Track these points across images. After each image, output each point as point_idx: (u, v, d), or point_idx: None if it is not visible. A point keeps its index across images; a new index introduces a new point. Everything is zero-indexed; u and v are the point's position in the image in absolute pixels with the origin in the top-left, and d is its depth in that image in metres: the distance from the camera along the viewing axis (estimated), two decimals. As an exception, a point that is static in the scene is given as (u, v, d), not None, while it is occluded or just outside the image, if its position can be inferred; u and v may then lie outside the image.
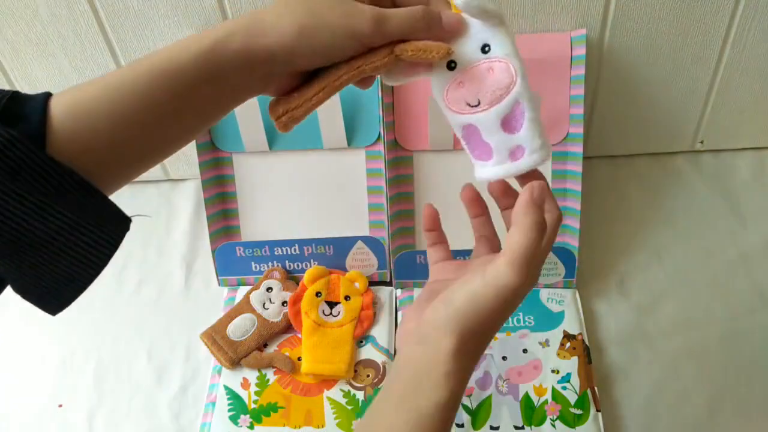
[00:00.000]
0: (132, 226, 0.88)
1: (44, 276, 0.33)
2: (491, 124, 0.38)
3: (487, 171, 0.39)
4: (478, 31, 0.38)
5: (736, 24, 0.70)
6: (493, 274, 0.35)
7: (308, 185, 0.72)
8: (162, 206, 0.82)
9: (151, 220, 0.81)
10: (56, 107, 0.33)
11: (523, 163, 0.38)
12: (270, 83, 0.38)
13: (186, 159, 0.81)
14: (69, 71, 0.73)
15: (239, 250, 0.71)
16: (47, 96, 0.34)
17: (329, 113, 0.68)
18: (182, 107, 0.35)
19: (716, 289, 0.70)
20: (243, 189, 0.73)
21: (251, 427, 0.61)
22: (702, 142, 0.81)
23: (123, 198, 0.93)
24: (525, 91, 0.38)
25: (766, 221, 0.76)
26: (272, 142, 0.71)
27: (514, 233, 0.35)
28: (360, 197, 0.72)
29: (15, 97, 0.33)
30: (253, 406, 0.62)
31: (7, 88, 0.74)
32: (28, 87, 0.74)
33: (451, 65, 0.38)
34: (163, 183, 0.85)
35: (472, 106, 0.38)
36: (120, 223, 0.36)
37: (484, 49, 0.38)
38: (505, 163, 0.39)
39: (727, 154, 0.82)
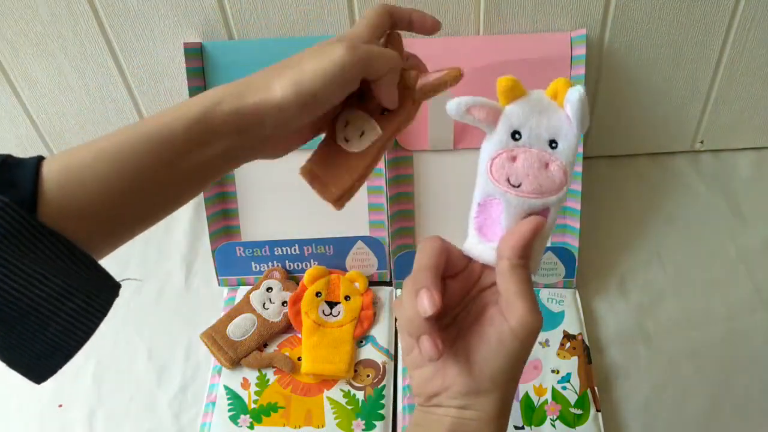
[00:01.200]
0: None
1: (31, 344, 0.32)
2: (516, 212, 0.37)
3: (480, 249, 0.38)
4: (556, 122, 0.37)
5: (736, 24, 0.70)
6: (521, 325, 0.34)
7: (308, 185, 0.72)
8: (162, 206, 0.82)
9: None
10: (48, 173, 0.33)
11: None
12: (266, 145, 0.38)
13: (186, 159, 0.81)
14: (69, 71, 0.73)
15: (239, 250, 0.71)
16: (39, 160, 0.34)
17: (329, 113, 0.68)
18: (174, 175, 0.35)
19: (716, 289, 0.70)
20: (243, 189, 0.73)
21: (251, 427, 0.61)
22: (702, 142, 0.81)
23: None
24: (559, 206, 0.37)
25: (766, 221, 0.76)
26: (272, 142, 0.71)
27: (507, 280, 0.35)
28: (360, 197, 0.72)
29: (5, 162, 0.33)
30: (253, 406, 0.62)
31: (7, 88, 0.74)
32: (28, 87, 0.74)
33: (516, 136, 0.37)
34: (163, 183, 0.85)
35: (512, 185, 0.37)
36: (109, 290, 0.36)
37: (552, 144, 0.37)
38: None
39: (727, 154, 0.82)
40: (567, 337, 0.65)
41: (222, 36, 0.70)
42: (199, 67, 0.69)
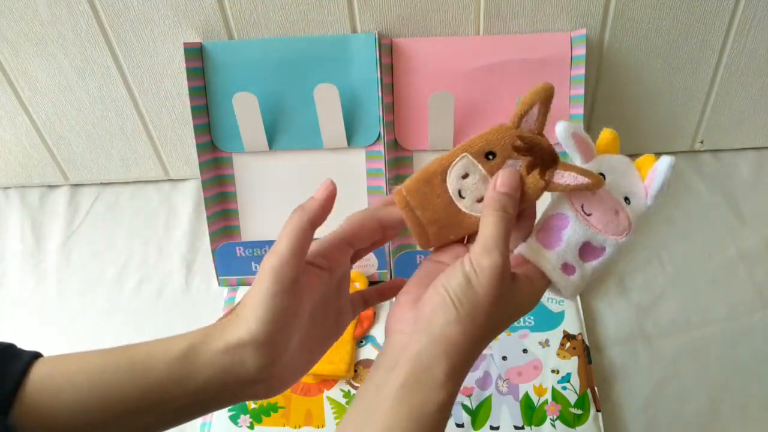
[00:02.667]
0: (132, 226, 0.89)
1: None
2: (580, 236, 0.39)
3: (540, 257, 0.39)
4: (635, 186, 0.41)
5: (736, 24, 0.70)
6: (476, 255, 0.36)
7: (308, 185, 0.72)
8: (162, 206, 0.82)
9: (151, 220, 0.81)
10: (35, 374, 0.34)
11: (565, 282, 0.39)
12: (258, 390, 0.37)
13: (186, 159, 0.81)
14: (69, 71, 0.73)
15: (239, 250, 0.71)
16: (34, 357, 0.35)
17: (329, 113, 0.68)
18: (152, 406, 0.35)
19: (716, 289, 0.70)
20: (243, 189, 0.73)
21: (251, 427, 0.61)
22: (702, 142, 0.81)
23: (123, 199, 0.93)
24: (615, 252, 0.40)
25: (766, 221, 0.76)
26: (272, 142, 0.71)
27: (482, 222, 0.37)
28: (360, 197, 0.72)
29: (6, 351, 0.34)
30: (253, 406, 0.62)
31: (7, 88, 0.74)
32: (28, 87, 0.74)
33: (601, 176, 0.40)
34: (163, 183, 0.85)
35: (584, 212, 0.40)
36: None
37: (627, 199, 0.40)
38: (558, 263, 0.39)
39: (727, 154, 0.82)
40: (567, 337, 0.65)
41: (222, 36, 0.70)
42: (199, 67, 0.69)
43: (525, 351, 0.64)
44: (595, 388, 0.62)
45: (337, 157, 0.71)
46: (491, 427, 0.60)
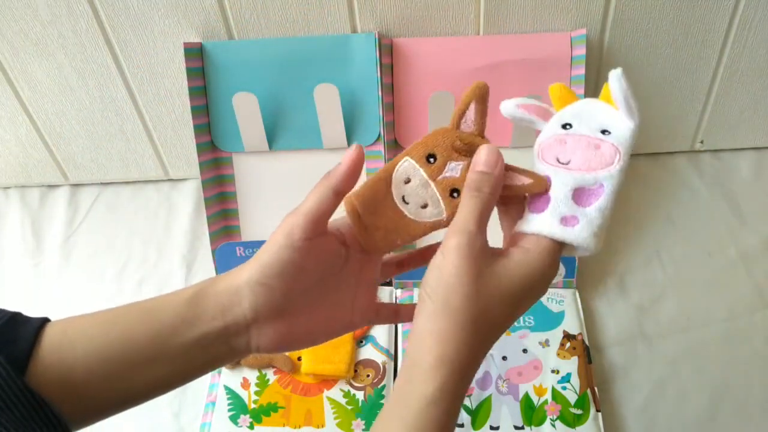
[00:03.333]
0: (132, 226, 0.89)
1: None
2: (567, 184, 0.37)
3: (535, 223, 0.37)
4: (608, 116, 0.39)
5: (736, 24, 0.70)
6: (444, 242, 0.35)
7: (308, 185, 0.72)
8: (162, 206, 0.82)
9: (151, 220, 0.81)
10: (47, 336, 0.35)
11: (571, 234, 0.36)
12: (251, 337, 0.38)
13: (186, 159, 0.81)
14: (69, 71, 0.73)
15: (239, 250, 0.71)
16: (44, 322, 0.35)
17: (329, 113, 0.68)
18: (163, 351, 0.36)
19: (716, 289, 0.70)
20: (243, 189, 0.73)
21: (251, 427, 0.61)
22: (702, 142, 0.81)
23: (123, 199, 0.93)
24: (615, 183, 0.37)
25: (766, 221, 0.76)
26: (272, 142, 0.71)
27: (463, 198, 0.36)
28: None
29: (13, 318, 0.34)
30: (253, 406, 0.62)
31: (7, 88, 0.74)
32: (28, 87, 0.74)
33: (566, 126, 0.38)
34: (163, 183, 0.85)
35: (561, 163, 0.37)
36: None
37: (604, 132, 0.38)
38: (555, 221, 0.36)
39: (727, 154, 0.82)
40: (567, 337, 0.65)
41: (222, 36, 0.70)
42: (199, 67, 0.69)
43: (525, 351, 0.64)
44: (595, 388, 0.62)
45: (337, 157, 0.71)
46: (491, 427, 0.60)
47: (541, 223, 0.36)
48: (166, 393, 0.38)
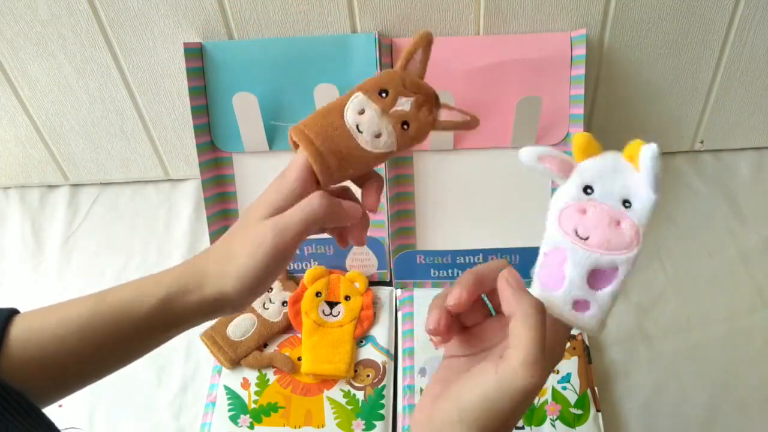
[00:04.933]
0: (132, 225, 0.89)
1: None
2: (582, 264, 0.35)
3: (547, 304, 0.35)
4: (631, 183, 0.36)
5: (736, 24, 0.70)
6: (508, 375, 0.31)
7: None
8: (162, 206, 0.82)
9: (152, 220, 0.81)
10: (14, 331, 0.36)
11: (581, 321, 0.35)
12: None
13: (186, 159, 0.81)
14: (69, 71, 0.73)
15: (239, 250, 0.71)
16: (11, 314, 0.37)
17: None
18: (135, 349, 0.39)
19: (716, 289, 0.70)
20: (243, 189, 0.73)
21: (251, 427, 0.61)
22: (702, 142, 0.81)
23: (123, 199, 0.93)
24: (630, 267, 0.35)
25: (766, 221, 0.76)
26: (272, 142, 0.71)
27: (519, 326, 0.32)
28: (359, 197, 0.72)
29: None
30: (253, 406, 0.62)
31: (7, 88, 0.74)
32: (27, 87, 0.74)
33: (587, 190, 0.36)
34: (163, 183, 0.85)
35: (579, 237, 0.36)
36: None
37: (626, 203, 0.36)
38: (567, 304, 0.35)
39: (727, 154, 0.82)
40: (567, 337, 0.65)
41: (222, 36, 0.70)
42: (199, 67, 0.69)
43: (525, 351, 0.64)
44: (595, 388, 0.62)
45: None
46: (491, 427, 0.59)
47: (553, 305, 0.35)
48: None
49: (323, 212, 0.38)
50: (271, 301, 0.68)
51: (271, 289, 0.69)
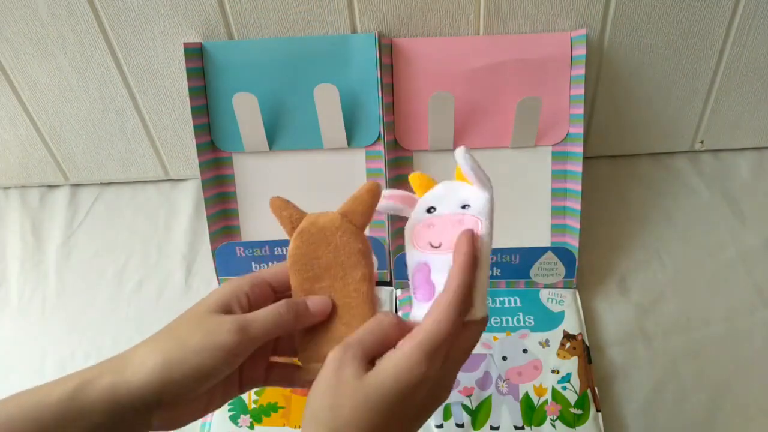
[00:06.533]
0: (132, 226, 0.89)
1: None
2: (442, 266, 0.38)
3: (421, 312, 0.38)
4: (465, 192, 0.41)
5: (736, 24, 0.70)
6: (396, 354, 0.34)
7: (308, 185, 0.72)
8: (162, 206, 0.82)
9: (152, 220, 0.81)
10: None
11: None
12: (149, 422, 0.36)
13: (186, 159, 0.81)
14: (69, 71, 0.73)
15: (239, 250, 0.71)
16: None
17: (329, 113, 0.68)
18: None
19: (716, 288, 0.70)
20: (243, 189, 0.73)
21: (251, 427, 0.61)
22: (702, 142, 0.81)
23: (123, 199, 0.93)
24: (485, 250, 0.38)
25: (766, 221, 0.76)
26: (272, 142, 0.71)
27: (427, 318, 0.34)
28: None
29: None
30: (253, 406, 0.62)
31: (7, 88, 0.74)
32: (28, 87, 0.74)
33: (431, 210, 0.41)
34: (163, 183, 0.85)
35: (433, 247, 0.40)
36: None
37: (465, 206, 0.40)
38: None
39: (727, 154, 0.82)
40: (567, 337, 0.65)
41: (222, 36, 0.70)
42: (199, 67, 0.69)
43: (525, 351, 0.64)
44: (595, 388, 0.62)
45: (337, 157, 0.71)
46: (491, 428, 0.60)
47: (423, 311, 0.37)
48: None
49: (292, 318, 0.38)
50: (271, 301, 0.68)
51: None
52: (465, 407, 0.61)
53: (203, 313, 0.37)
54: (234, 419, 0.62)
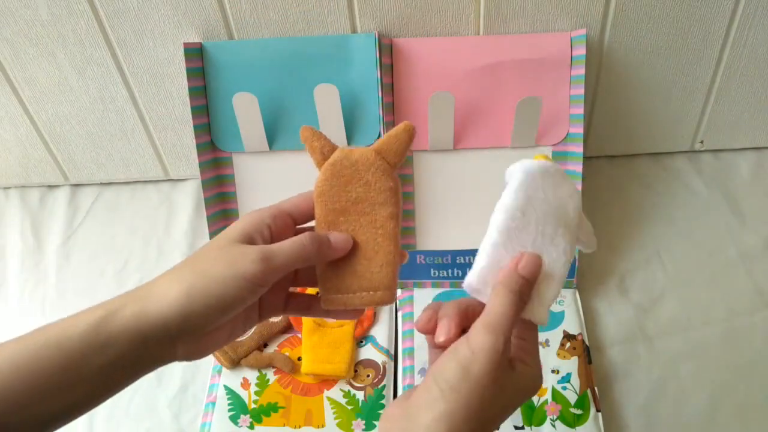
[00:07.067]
0: (132, 226, 0.89)
1: None
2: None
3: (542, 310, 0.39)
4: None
5: (736, 24, 0.70)
6: (473, 336, 0.35)
7: (308, 185, 0.72)
8: (162, 206, 0.82)
9: (152, 220, 0.81)
10: None
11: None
12: (181, 349, 0.36)
13: (186, 159, 0.81)
14: (69, 71, 0.73)
15: (239, 250, 0.71)
16: None
17: (329, 113, 0.68)
18: (71, 381, 0.34)
19: (716, 288, 0.70)
20: (243, 189, 0.73)
21: (251, 427, 0.61)
22: (702, 142, 0.81)
23: (123, 199, 0.93)
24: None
25: (766, 221, 0.76)
26: (272, 142, 0.71)
27: (491, 298, 0.36)
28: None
29: None
30: (253, 406, 0.62)
31: (7, 88, 0.74)
32: (28, 87, 0.74)
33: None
34: (163, 183, 0.85)
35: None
36: None
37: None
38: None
39: (727, 154, 0.82)
40: (567, 337, 0.65)
41: (222, 36, 0.70)
42: (199, 67, 0.69)
43: (525, 351, 0.64)
44: (595, 388, 0.62)
45: (337, 157, 0.71)
46: (491, 427, 0.60)
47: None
48: (92, 408, 0.36)
49: (314, 250, 0.38)
50: (271, 301, 0.68)
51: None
52: (465, 407, 0.61)
53: (226, 243, 0.37)
54: (234, 419, 0.62)
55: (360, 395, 0.63)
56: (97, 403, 0.36)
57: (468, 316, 0.38)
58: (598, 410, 0.61)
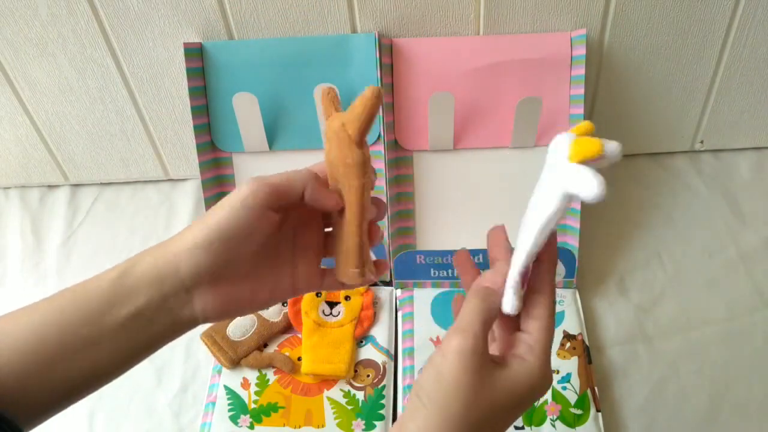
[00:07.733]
0: (132, 226, 0.89)
1: None
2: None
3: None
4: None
5: (736, 24, 0.70)
6: (444, 341, 0.34)
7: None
8: (162, 206, 0.82)
9: (152, 220, 0.81)
10: None
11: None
12: (197, 302, 0.37)
13: (186, 159, 0.81)
14: (69, 71, 0.73)
15: (239, 250, 0.71)
16: None
17: (329, 113, 0.68)
18: (95, 336, 0.35)
19: (716, 289, 0.70)
20: (243, 189, 0.73)
21: (251, 427, 0.61)
22: (702, 142, 0.81)
23: (123, 199, 0.93)
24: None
25: (766, 221, 0.76)
26: (272, 142, 0.71)
27: (464, 304, 0.36)
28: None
29: None
30: (253, 406, 0.62)
31: (7, 88, 0.74)
32: (28, 87, 0.74)
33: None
34: (163, 183, 0.85)
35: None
36: None
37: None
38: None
39: (727, 154, 0.82)
40: (567, 337, 0.65)
41: (222, 36, 0.70)
42: (199, 67, 0.69)
43: (525, 351, 0.64)
44: (595, 388, 0.62)
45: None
46: (491, 427, 0.60)
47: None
48: (117, 377, 0.37)
49: (308, 178, 0.38)
50: (271, 301, 0.68)
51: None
52: (465, 407, 0.61)
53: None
54: (234, 419, 0.62)
55: (360, 395, 0.63)
56: (118, 369, 0.37)
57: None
58: (598, 410, 0.61)
